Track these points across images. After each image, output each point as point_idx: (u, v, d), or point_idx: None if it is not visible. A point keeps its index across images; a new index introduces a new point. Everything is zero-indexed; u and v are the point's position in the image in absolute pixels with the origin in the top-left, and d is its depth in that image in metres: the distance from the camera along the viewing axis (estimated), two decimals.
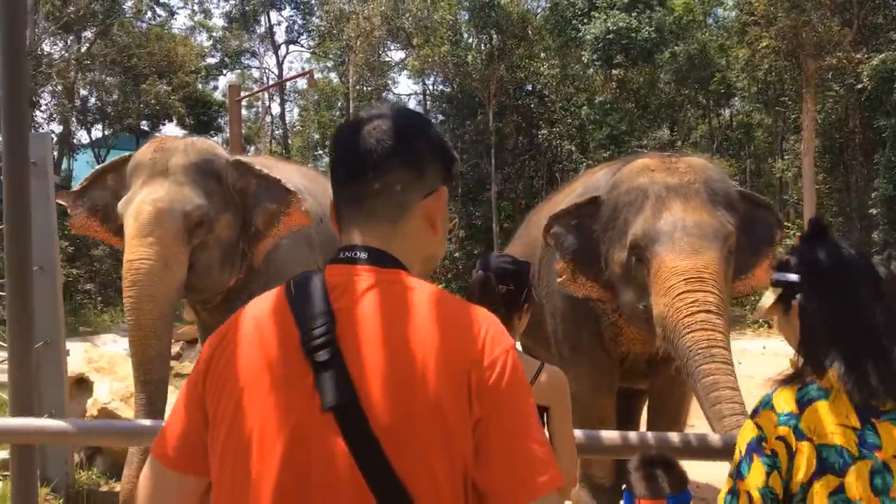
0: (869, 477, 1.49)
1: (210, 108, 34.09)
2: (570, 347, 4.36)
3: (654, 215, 3.55)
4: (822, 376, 1.57)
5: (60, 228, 21.18)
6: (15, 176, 2.67)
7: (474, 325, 1.16)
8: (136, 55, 28.26)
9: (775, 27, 18.96)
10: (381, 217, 1.24)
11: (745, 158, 29.21)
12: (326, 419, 1.10)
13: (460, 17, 28.31)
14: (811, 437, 1.51)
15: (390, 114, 1.28)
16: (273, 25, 38.98)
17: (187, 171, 4.40)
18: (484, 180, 28.29)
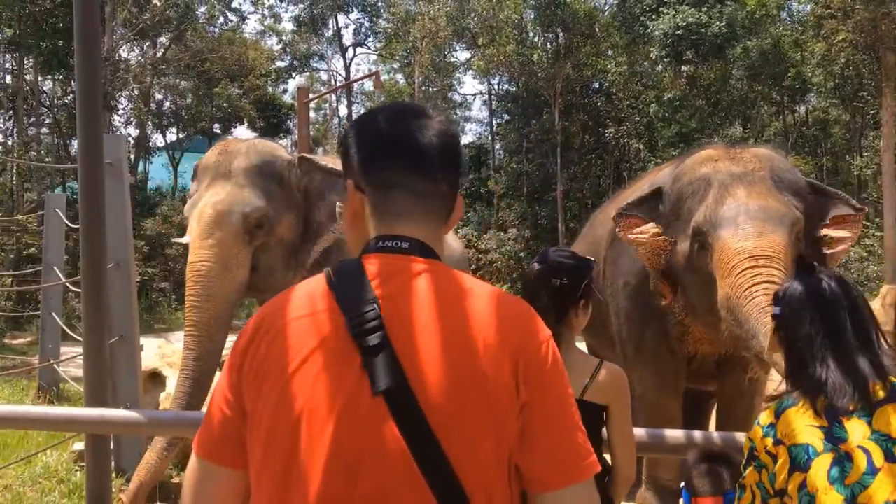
0: (828, 468, 1.60)
1: (279, 110, 34.73)
2: (635, 347, 4.29)
3: (717, 201, 3.47)
4: (797, 392, 1.76)
5: (136, 228, 21.77)
6: (91, 177, 2.77)
7: (518, 314, 1.20)
8: (208, 60, 29.01)
9: (853, 20, 18.30)
10: (437, 216, 1.28)
11: (821, 156, 28.31)
12: (377, 403, 1.11)
13: (526, 15, 28.19)
14: (784, 440, 1.68)
15: (437, 121, 1.31)
16: (341, 28, 39.53)
17: (248, 174, 4.48)
18: (550, 180, 28.11)
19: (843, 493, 1.57)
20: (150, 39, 28.48)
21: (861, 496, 1.56)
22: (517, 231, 27.82)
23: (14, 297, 20.23)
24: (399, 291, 1.18)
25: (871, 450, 1.60)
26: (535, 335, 1.18)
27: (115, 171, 5.09)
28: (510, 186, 30.20)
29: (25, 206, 22.73)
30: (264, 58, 34.08)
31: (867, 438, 1.62)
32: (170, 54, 28.95)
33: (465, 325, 1.14)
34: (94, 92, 2.67)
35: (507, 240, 27.39)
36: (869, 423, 1.64)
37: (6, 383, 10.07)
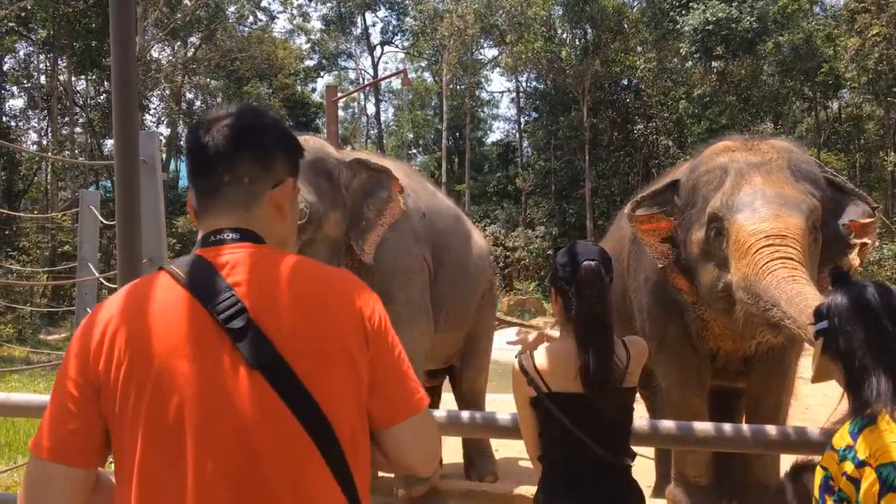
0: None
1: (308, 109, 34.96)
2: (657, 343, 4.28)
3: (734, 188, 3.45)
4: (868, 407, 1.65)
5: (168, 226, 22.12)
6: (126, 173, 2.83)
7: (353, 281, 1.38)
8: (238, 59, 29.28)
9: (887, 14, 18.06)
10: (235, 204, 1.37)
11: (854, 152, 27.90)
12: (255, 378, 1.22)
13: (554, 12, 28.12)
14: (869, 461, 1.56)
15: (238, 112, 1.42)
16: (368, 27, 39.76)
17: (304, 171, 4.53)
18: (578, 177, 28.01)
19: None
20: (180, 39, 28.79)
21: None
22: (545, 229, 27.77)
23: (49, 294, 20.59)
24: (249, 277, 1.29)
25: None
26: (370, 300, 1.35)
27: (149, 168, 5.16)
28: (538, 184, 30.15)
29: (60, 205, 23.12)
30: (293, 57, 34.34)
31: None
32: (200, 54, 29.27)
33: (315, 297, 1.30)
34: (130, 88, 2.72)
35: (534, 237, 27.36)
36: None
37: (41, 378, 10.26)
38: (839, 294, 1.81)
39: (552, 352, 2.19)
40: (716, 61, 24.27)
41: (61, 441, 1.27)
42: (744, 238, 3.25)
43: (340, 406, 1.26)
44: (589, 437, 2.12)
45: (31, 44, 26.29)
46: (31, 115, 27.80)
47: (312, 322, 1.27)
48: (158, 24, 26.35)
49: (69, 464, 1.27)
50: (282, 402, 1.22)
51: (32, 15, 23.69)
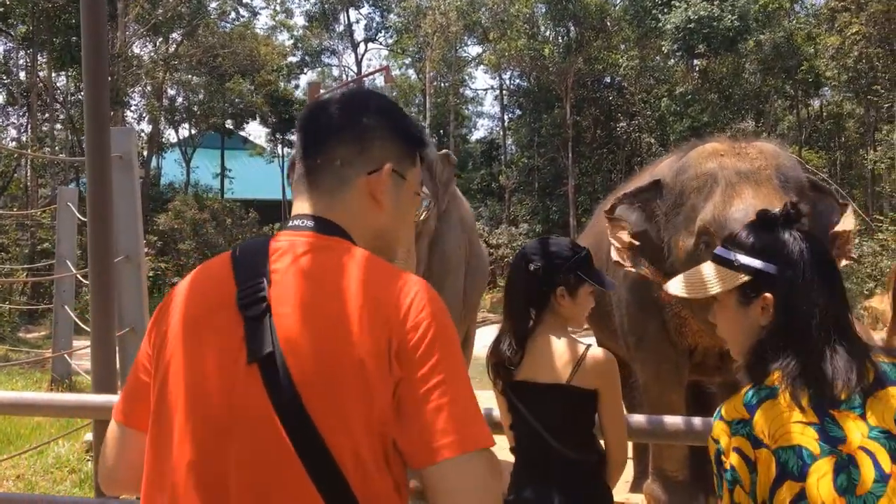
0: (833, 476, 1.32)
1: (292, 106, 34.79)
2: (636, 339, 4.31)
3: (725, 202, 3.46)
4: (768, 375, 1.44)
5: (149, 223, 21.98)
6: (98, 169, 2.81)
7: (401, 290, 1.20)
8: (220, 55, 29.09)
9: (866, 13, 18.22)
10: (322, 189, 1.31)
11: (835, 150, 28.12)
12: (251, 371, 1.15)
13: (537, 10, 28.16)
14: (767, 442, 1.37)
15: (345, 94, 1.37)
16: (352, 23, 39.51)
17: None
18: (561, 174, 28.07)
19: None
20: (162, 35, 28.57)
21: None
22: (528, 226, 27.83)
23: (29, 292, 20.42)
24: (289, 266, 1.22)
25: (875, 451, 1.34)
26: (414, 313, 1.18)
27: (125, 165, 5.13)
28: (521, 181, 30.20)
29: (40, 202, 22.92)
30: (276, 53, 34.14)
31: (867, 437, 1.35)
32: (182, 50, 29.06)
33: (343, 300, 1.17)
34: (101, 84, 2.71)
35: (518, 235, 27.39)
36: (862, 415, 1.37)
37: (20, 375, 10.19)
38: (791, 235, 1.54)
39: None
40: (698, 59, 24.38)
41: (129, 405, 1.33)
42: None
43: (339, 422, 1.13)
44: (545, 428, 2.16)
45: (10, 39, 25.99)
46: (11, 111, 27.51)
47: (328, 324, 1.16)
48: (139, 20, 26.15)
49: (136, 427, 1.31)
50: (269, 402, 1.14)
51: (11, 10, 23.46)
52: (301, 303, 1.18)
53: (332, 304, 1.17)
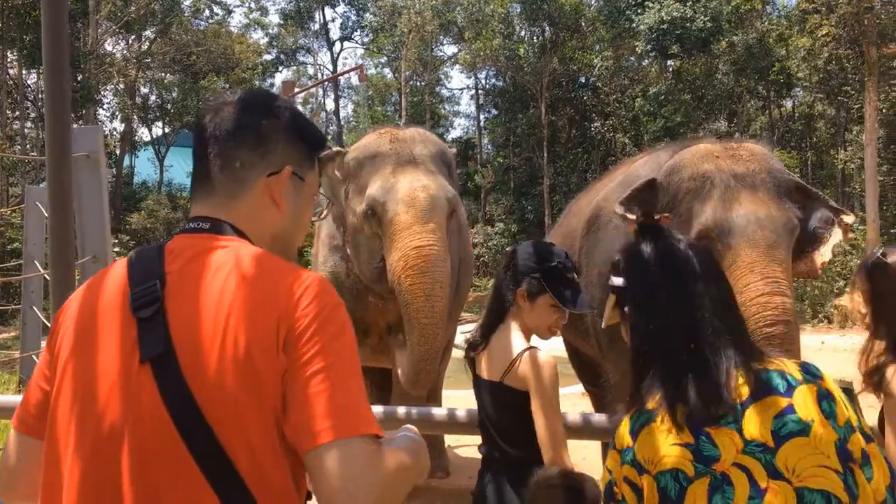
0: (707, 497, 1.29)
1: None
2: (609, 338, 4.32)
3: (725, 206, 3.51)
4: (641, 400, 1.40)
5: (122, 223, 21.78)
6: (59, 167, 2.77)
7: (292, 282, 1.19)
8: (194, 53, 28.91)
9: (836, 14, 18.42)
10: (222, 192, 1.30)
11: (806, 150, 28.46)
12: (144, 372, 1.14)
13: (512, 9, 28.24)
14: (648, 468, 1.33)
15: (243, 95, 1.35)
16: (327, 22, 39.43)
17: (434, 161, 4.45)
18: (536, 174, 28.17)
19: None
20: (135, 33, 28.34)
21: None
22: (504, 225, 27.90)
23: None
24: (184, 267, 1.21)
25: (750, 467, 1.30)
26: (303, 303, 1.17)
27: (92, 163, 5.04)
28: (497, 181, 30.26)
29: (11, 202, 22.61)
30: (251, 51, 33.98)
31: (741, 452, 1.31)
32: (155, 48, 28.82)
33: (232, 296, 1.16)
34: (62, 81, 2.66)
35: (493, 234, 27.48)
36: (738, 430, 1.32)
37: None
38: (644, 245, 1.51)
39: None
40: (671, 60, 24.57)
41: (26, 413, 1.31)
42: (741, 271, 3.35)
43: (233, 418, 1.11)
44: (490, 423, 2.28)
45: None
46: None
47: (220, 321, 1.14)
48: (112, 17, 25.88)
49: (33, 435, 1.29)
50: (162, 401, 1.12)
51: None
52: (194, 302, 1.17)
53: (225, 301, 1.16)
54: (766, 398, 1.34)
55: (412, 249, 4.03)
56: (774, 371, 1.38)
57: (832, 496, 1.26)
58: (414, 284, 3.99)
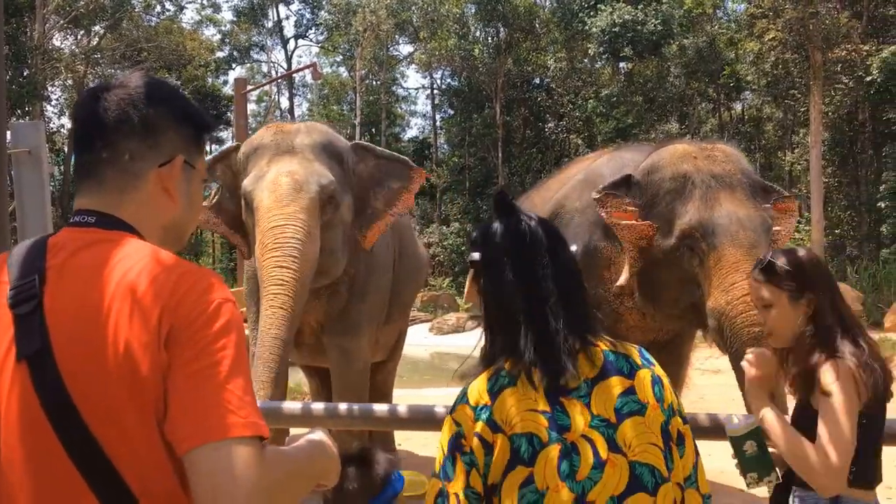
0: (557, 462, 1.38)
1: (219, 101, 34.20)
2: None
3: (707, 206, 3.63)
4: (508, 360, 1.47)
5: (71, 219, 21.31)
6: None
7: (178, 278, 1.13)
8: (145, 49, 28.37)
9: (783, 19, 18.80)
10: (111, 185, 1.24)
11: (755, 152, 29.04)
12: (20, 370, 1.10)
13: (467, 10, 28.30)
14: (504, 428, 1.40)
15: (130, 82, 1.28)
16: (281, 20, 39.11)
17: (314, 150, 4.42)
18: (492, 174, 28.30)
19: (575, 489, 1.38)
20: (83, 28, 27.72)
21: (591, 493, 1.38)
22: (459, 225, 27.99)
23: None
24: (65, 262, 1.16)
25: (595, 440, 1.41)
26: (189, 297, 1.11)
27: (34, 160, 4.92)
28: (453, 180, 30.33)
29: None
30: (203, 48, 33.51)
31: (589, 426, 1.41)
32: (105, 43, 28.23)
33: (119, 293, 1.11)
34: None
35: (449, 234, 27.55)
36: (588, 405, 1.43)
37: None
38: (497, 223, 1.58)
39: None
40: (623, 62, 24.88)
41: None
42: (725, 271, 3.48)
43: (111, 417, 1.07)
44: None
45: None
46: None
47: (101, 317, 1.09)
48: (59, 12, 25.30)
49: None
50: (38, 401, 1.07)
51: None
52: (75, 298, 1.12)
53: (107, 297, 1.11)
54: (612, 378, 1.46)
55: (268, 231, 4.08)
56: (621, 354, 1.50)
57: (656, 469, 1.41)
58: (266, 259, 4.03)
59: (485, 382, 1.46)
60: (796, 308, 2.07)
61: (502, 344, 1.49)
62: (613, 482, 1.39)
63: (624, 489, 1.39)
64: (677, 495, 1.45)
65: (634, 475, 1.40)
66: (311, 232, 4.12)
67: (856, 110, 22.19)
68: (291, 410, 2.88)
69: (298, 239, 4.04)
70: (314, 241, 4.14)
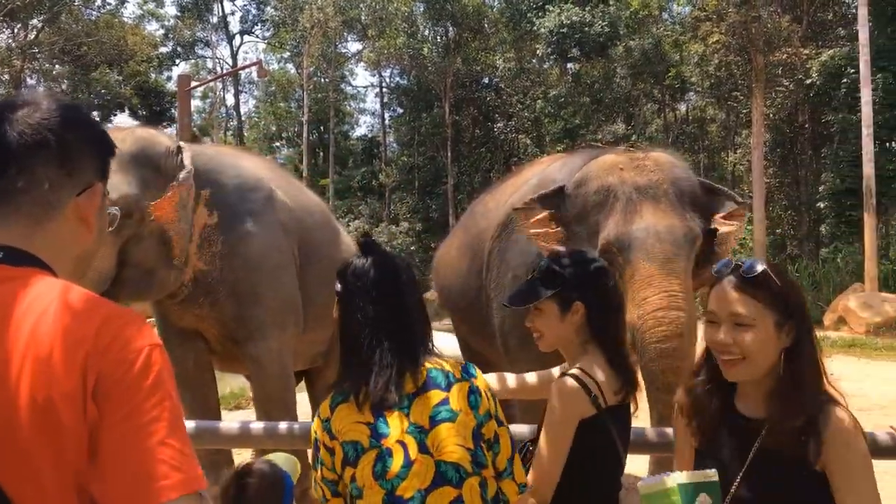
0: (372, 465, 1.68)
1: (163, 98, 33.53)
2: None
3: (626, 219, 3.56)
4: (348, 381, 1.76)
5: None
6: None
7: (102, 322, 1.06)
8: (85, 44, 27.63)
9: (726, 23, 19.18)
10: (25, 216, 1.14)
11: (699, 152, 29.61)
12: None
13: (416, 8, 28.22)
14: (338, 436, 1.72)
15: (42, 103, 1.18)
16: (227, 15, 38.50)
17: (120, 161, 4.23)
18: (440, 173, 28.28)
19: (385, 486, 1.68)
20: (20, 21, 26.87)
21: (399, 489, 1.67)
22: (408, 224, 27.92)
23: None
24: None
25: (407, 443, 1.69)
26: (113, 347, 1.03)
27: None
28: (402, 180, 30.24)
29: None
30: (146, 43, 32.76)
31: (405, 432, 1.70)
32: (43, 37, 27.39)
33: (33, 340, 1.02)
34: None
35: (398, 233, 27.44)
36: (407, 415, 1.71)
37: None
38: (358, 259, 1.83)
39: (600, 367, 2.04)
40: (571, 63, 25.10)
41: None
42: (638, 286, 3.40)
43: (26, 475, 0.99)
44: None
45: None
46: None
47: (13, 366, 1.00)
48: None
49: None
50: None
51: None
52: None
53: (19, 344, 1.02)
54: (430, 391, 1.74)
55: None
56: (440, 370, 1.78)
57: (461, 466, 1.69)
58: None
59: (329, 399, 1.77)
60: (779, 336, 1.65)
61: (347, 366, 1.79)
62: (420, 478, 1.67)
63: (430, 483, 1.67)
64: (492, 486, 1.74)
65: (439, 472, 1.68)
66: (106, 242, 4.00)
67: (796, 112, 22.77)
68: (229, 431, 2.86)
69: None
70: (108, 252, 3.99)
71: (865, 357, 11.47)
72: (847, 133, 19.25)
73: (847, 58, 18.61)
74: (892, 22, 18.88)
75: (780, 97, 21.30)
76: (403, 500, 1.67)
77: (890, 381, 9.62)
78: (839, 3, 22.54)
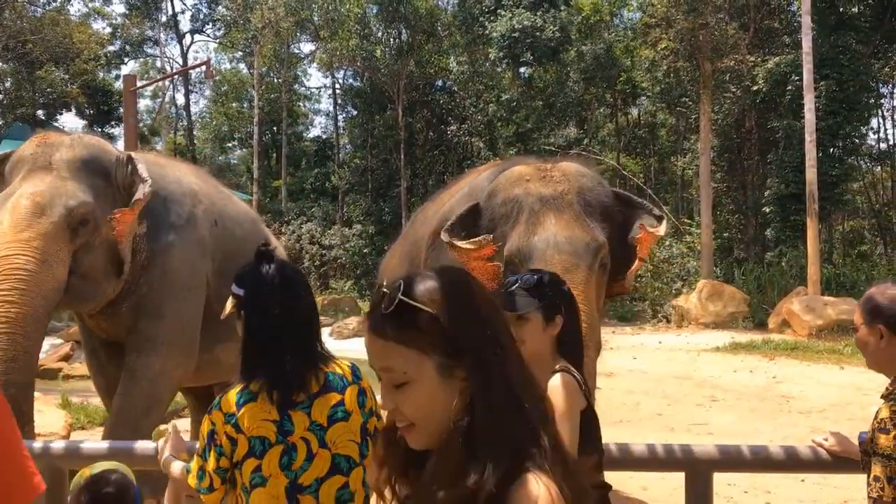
0: (280, 457, 1.90)
1: (111, 97, 32.87)
2: None
3: (528, 230, 3.54)
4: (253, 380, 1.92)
5: None
6: None
7: None
8: (29, 41, 26.94)
9: (674, 29, 19.41)
10: None
11: (650, 156, 30.01)
12: None
13: (369, 10, 28.08)
14: (245, 431, 1.90)
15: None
16: (177, 14, 37.92)
17: (72, 166, 4.12)
18: (394, 176, 28.18)
19: (289, 476, 1.90)
20: None
21: (301, 477, 1.91)
22: (362, 227, 27.77)
23: None
24: None
25: (309, 439, 1.93)
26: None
27: None
28: (355, 182, 30.07)
29: None
30: (93, 41, 32.05)
31: (307, 429, 1.92)
32: None
33: None
34: None
35: (351, 236, 27.30)
36: (309, 414, 1.93)
37: None
38: (265, 266, 1.98)
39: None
40: (523, 67, 25.21)
41: None
42: None
43: None
44: None
45: None
46: None
47: None
48: None
49: None
50: None
51: None
52: None
53: None
54: (329, 393, 1.97)
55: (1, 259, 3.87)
56: (337, 374, 2.00)
57: (350, 458, 1.96)
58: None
59: (234, 395, 1.93)
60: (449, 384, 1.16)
61: (252, 366, 1.94)
62: (319, 469, 1.92)
63: (325, 473, 1.93)
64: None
65: (334, 463, 1.94)
66: (49, 260, 3.91)
67: (743, 118, 23.14)
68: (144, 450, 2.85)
69: (29, 270, 3.83)
70: (52, 268, 3.92)
71: (807, 360, 11.67)
72: (791, 139, 19.63)
73: (792, 65, 18.97)
74: (836, 31, 19.29)
75: (728, 103, 21.63)
76: (304, 487, 1.91)
77: (829, 384, 9.80)
78: (785, 12, 22.98)
